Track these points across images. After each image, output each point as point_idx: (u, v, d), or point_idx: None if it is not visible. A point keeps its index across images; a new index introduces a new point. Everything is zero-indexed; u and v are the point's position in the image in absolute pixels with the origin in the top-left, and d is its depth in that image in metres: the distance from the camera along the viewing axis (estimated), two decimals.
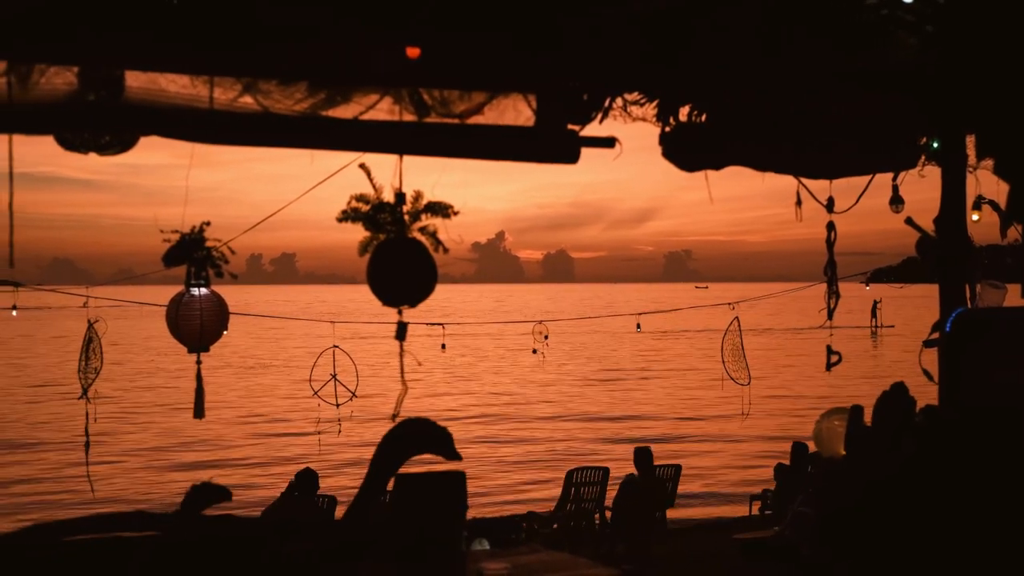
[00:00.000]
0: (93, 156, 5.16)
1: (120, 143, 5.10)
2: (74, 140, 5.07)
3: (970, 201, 8.14)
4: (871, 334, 74.32)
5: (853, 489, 6.04)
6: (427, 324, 11.20)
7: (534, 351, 16.42)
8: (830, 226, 7.79)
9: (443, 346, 15.72)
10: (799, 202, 7.36)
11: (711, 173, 6.62)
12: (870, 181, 7.61)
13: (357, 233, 5.97)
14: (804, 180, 7.42)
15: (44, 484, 24.12)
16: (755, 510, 17.15)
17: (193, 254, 6.10)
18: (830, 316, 7.86)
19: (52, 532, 5.88)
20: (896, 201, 8.06)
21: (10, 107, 4.61)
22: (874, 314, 79.68)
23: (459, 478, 5.95)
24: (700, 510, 20.17)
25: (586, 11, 4.81)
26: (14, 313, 14.22)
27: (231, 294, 6.36)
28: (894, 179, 7.89)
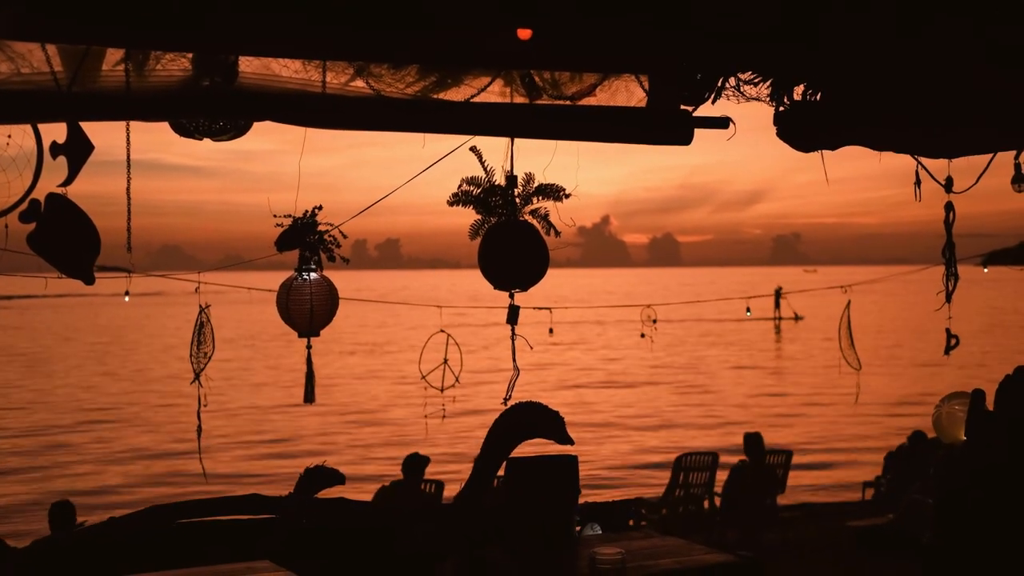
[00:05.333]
0: (198, 142, 5.20)
1: (234, 128, 5.13)
2: (189, 126, 5.11)
3: None
4: None
5: (971, 475, 5.87)
6: (534, 308, 11.14)
7: (642, 335, 16.26)
8: (948, 206, 7.55)
9: (551, 330, 15.64)
10: (918, 182, 7.13)
11: (824, 153, 6.46)
12: (991, 159, 7.36)
13: (461, 218, 5.96)
14: (922, 159, 7.20)
15: (157, 467, 24.65)
16: (867, 496, 16.93)
17: (306, 238, 6.13)
18: (948, 299, 7.63)
19: (168, 515, 5.97)
20: (1019, 180, 7.74)
21: (128, 95, 4.65)
22: None
23: (571, 462, 5.90)
24: (811, 497, 19.90)
25: None
26: (126, 299, 14.58)
27: (336, 279, 6.36)
28: (1016, 157, 7.60)
